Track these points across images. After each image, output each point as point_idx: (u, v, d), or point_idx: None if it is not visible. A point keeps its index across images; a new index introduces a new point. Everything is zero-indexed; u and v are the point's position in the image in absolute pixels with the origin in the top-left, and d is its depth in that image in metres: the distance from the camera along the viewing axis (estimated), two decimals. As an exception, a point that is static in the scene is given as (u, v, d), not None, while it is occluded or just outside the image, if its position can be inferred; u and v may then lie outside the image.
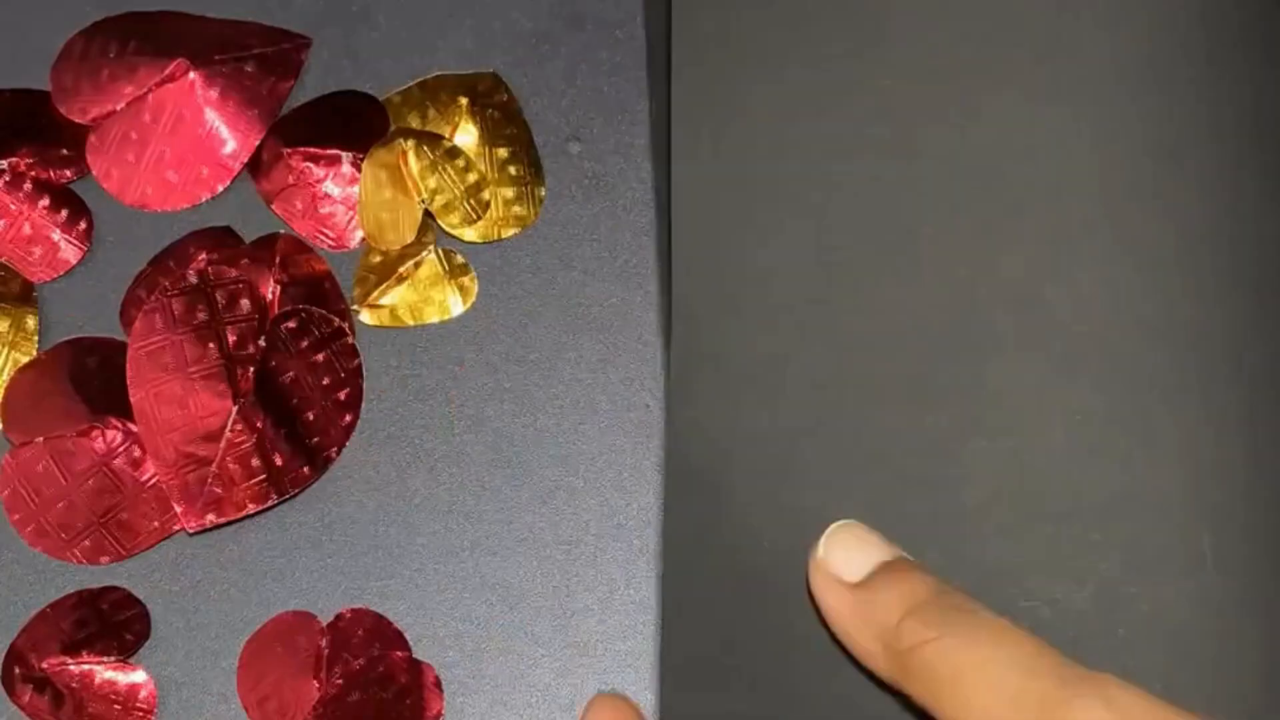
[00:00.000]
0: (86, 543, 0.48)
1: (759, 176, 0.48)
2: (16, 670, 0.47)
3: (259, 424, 0.48)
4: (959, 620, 0.40)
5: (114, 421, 0.49)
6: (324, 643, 0.47)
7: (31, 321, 0.50)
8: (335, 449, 0.49)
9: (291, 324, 0.49)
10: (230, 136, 0.51)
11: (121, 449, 0.49)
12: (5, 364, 0.50)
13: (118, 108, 0.51)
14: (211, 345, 0.49)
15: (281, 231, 0.51)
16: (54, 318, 0.51)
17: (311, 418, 0.49)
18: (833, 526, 0.43)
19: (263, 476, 0.48)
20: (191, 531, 0.48)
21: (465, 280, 0.51)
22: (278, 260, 0.50)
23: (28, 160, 0.51)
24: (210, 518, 0.48)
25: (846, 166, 0.49)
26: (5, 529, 0.49)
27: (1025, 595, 0.45)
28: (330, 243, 0.51)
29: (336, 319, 0.50)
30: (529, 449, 0.49)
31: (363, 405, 0.50)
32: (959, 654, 0.40)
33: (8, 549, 0.49)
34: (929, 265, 0.48)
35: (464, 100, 0.52)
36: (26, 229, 0.51)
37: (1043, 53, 0.51)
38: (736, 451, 0.45)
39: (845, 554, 0.42)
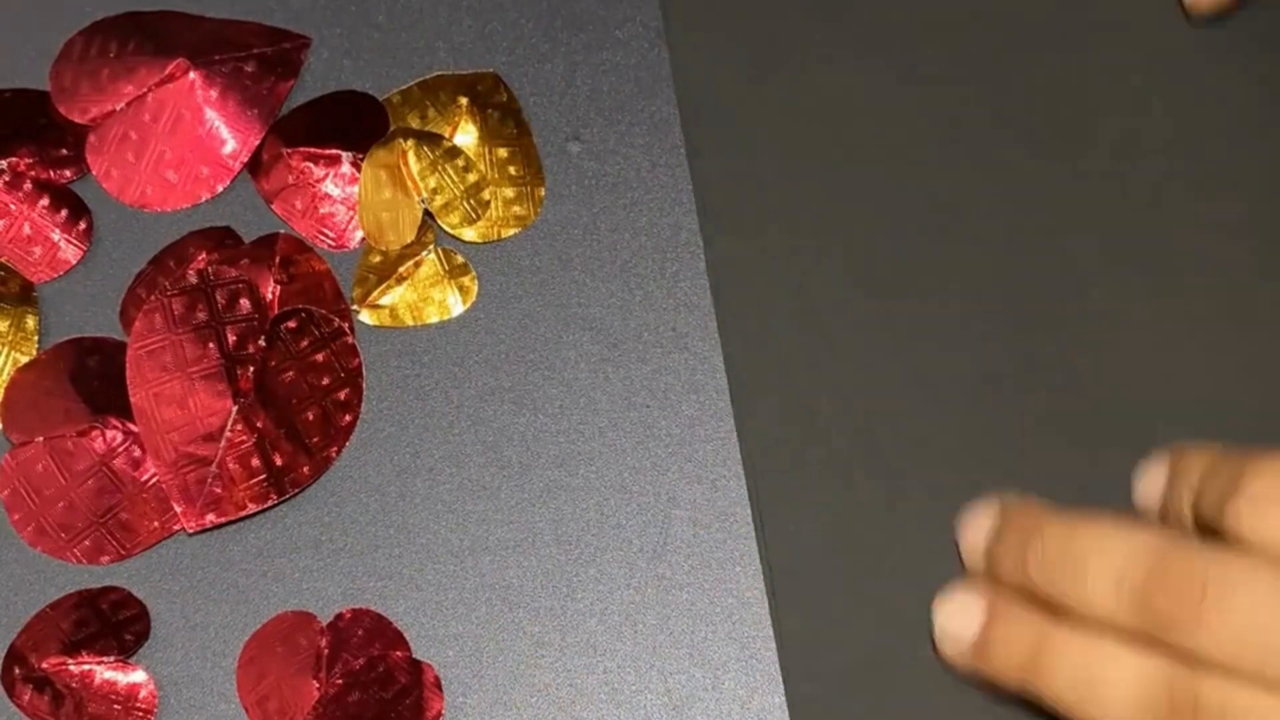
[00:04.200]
0: (86, 543, 0.48)
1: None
2: (16, 670, 0.47)
3: (259, 424, 0.48)
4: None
5: (114, 421, 0.49)
6: (324, 643, 0.47)
7: (31, 321, 0.50)
8: (335, 449, 0.49)
9: (291, 324, 0.49)
10: (230, 136, 0.51)
11: (121, 449, 0.49)
12: (5, 364, 0.50)
13: (118, 108, 0.51)
14: (211, 345, 0.49)
15: (281, 231, 0.51)
16: (54, 318, 0.51)
17: (311, 418, 0.49)
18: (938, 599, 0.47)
19: (263, 476, 0.48)
20: (191, 531, 0.48)
21: (465, 280, 0.51)
22: (278, 260, 0.50)
23: (28, 160, 0.51)
24: (210, 518, 0.48)
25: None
26: (5, 529, 0.49)
27: None
28: (330, 243, 0.51)
29: (336, 319, 0.50)
30: (529, 449, 0.49)
31: (363, 405, 0.50)
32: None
33: (8, 549, 0.49)
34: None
35: (464, 100, 0.52)
36: (26, 229, 0.51)
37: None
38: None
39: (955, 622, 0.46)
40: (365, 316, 0.50)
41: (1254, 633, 0.41)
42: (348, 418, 0.49)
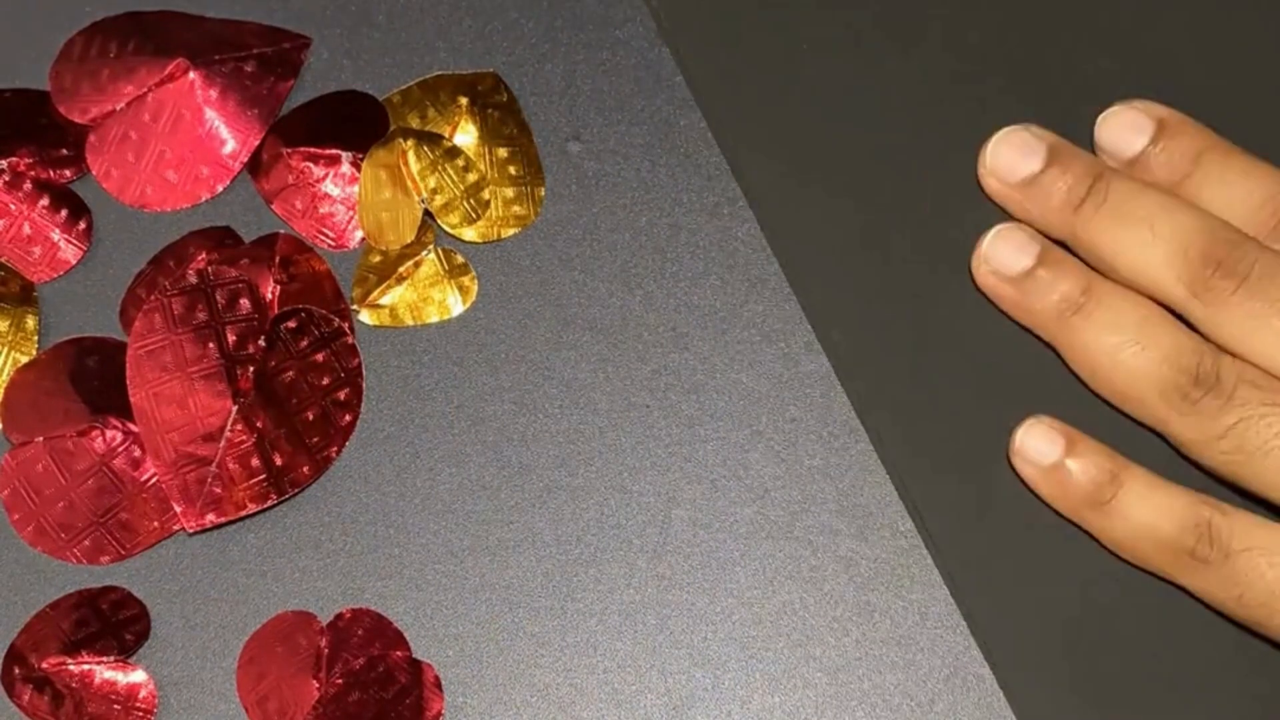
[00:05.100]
0: (86, 543, 0.48)
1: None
2: (16, 670, 0.47)
3: (259, 424, 0.48)
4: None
5: (114, 421, 0.49)
6: (324, 643, 0.47)
7: (31, 321, 0.50)
8: (335, 449, 0.49)
9: (291, 324, 0.49)
10: (230, 136, 0.51)
11: (121, 449, 0.49)
12: (5, 364, 0.50)
13: (118, 108, 0.51)
14: (211, 345, 0.49)
15: (281, 231, 0.51)
16: (54, 318, 0.51)
17: (311, 418, 0.49)
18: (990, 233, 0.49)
19: (263, 476, 0.48)
20: (191, 531, 0.48)
21: (465, 280, 0.51)
22: (278, 260, 0.50)
23: (28, 160, 0.51)
24: (210, 518, 0.48)
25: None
26: (5, 529, 0.49)
27: None
28: (330, 243, 0.51)
29: (336, 319, 0.50)
30: (529, 449, 0.49)
31: (363, 405, 0.50)
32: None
33: (8, 549, 0.49)
34: None
35: (464, 100, 0.52)
36: (26, 229, 0.51)
37: None
38: None
39: (1006, 248, 0.49)
40: (365, 316, 0.50)
41: (1266, 320, 0.45)
42: (348, 418, 0.49)
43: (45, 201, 0.51)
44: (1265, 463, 0.45)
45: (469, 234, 0.51)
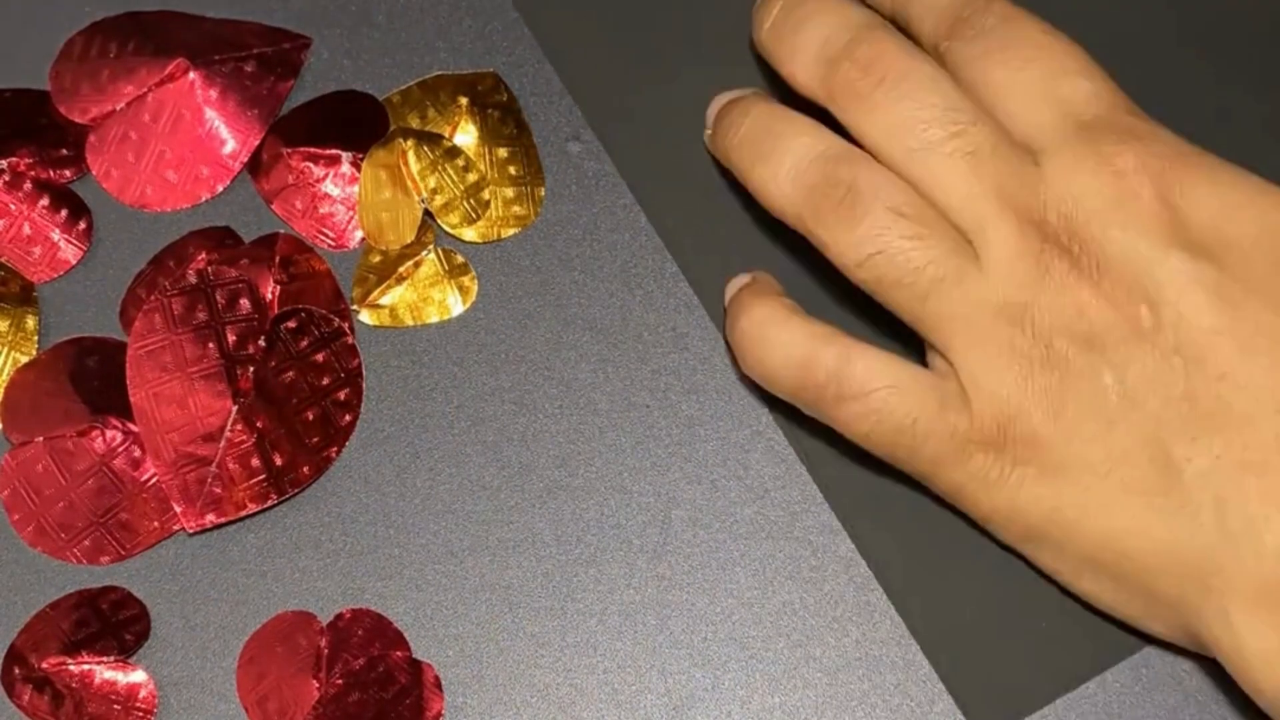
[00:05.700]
0: (86, 543, 0.48)
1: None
2: (16, 670, 0.47)
3: (259, 424, 0.48)
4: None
5: (114, 421, 0.49)
6: (324, 643, 0.47)
7: (31, 321, 0.50)
8: (335, 449, 0.49)
9: (291, 324, 0.49)
10: (230, 136, 0.51)
11: (121, 449, 0.49)
12: (5, 364, 0.50)
13: (118, 108, 0.51)
14: (211, 345, 0.49)
15: (281, 231, 0.51)
16: (54, 318, 0.51)
17: (311, 418, 0.49)
18: None
19: (263, 476, 0.48)
20: (191, 531, 0.49)
21: (465, 280, 0.51)
22: (278, 260, 0.50)
23: (28, 160, 0.51)
24: (210, 518, 0.48)
25: None
26: (5, 529, 0.49)
27: None
28: (330, 243, 0.51)
29: (336, 319, 0.50)
30: (529, 449, 0.49)
31: (363, 405, 0.50)
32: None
33: (8, 549, 0.49)
34: None
35: (464, 100, 0.52)
36: (26, 229, 0.51)
37: None
38: None
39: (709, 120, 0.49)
40: (365, 316, 0.50)
41: (906, 129, 0.43)
42: (348, 418, 0.49)
43: (45, 201, 0.51)
44: (898, 294, 0.43)
45: (469, 234, 0.51)
